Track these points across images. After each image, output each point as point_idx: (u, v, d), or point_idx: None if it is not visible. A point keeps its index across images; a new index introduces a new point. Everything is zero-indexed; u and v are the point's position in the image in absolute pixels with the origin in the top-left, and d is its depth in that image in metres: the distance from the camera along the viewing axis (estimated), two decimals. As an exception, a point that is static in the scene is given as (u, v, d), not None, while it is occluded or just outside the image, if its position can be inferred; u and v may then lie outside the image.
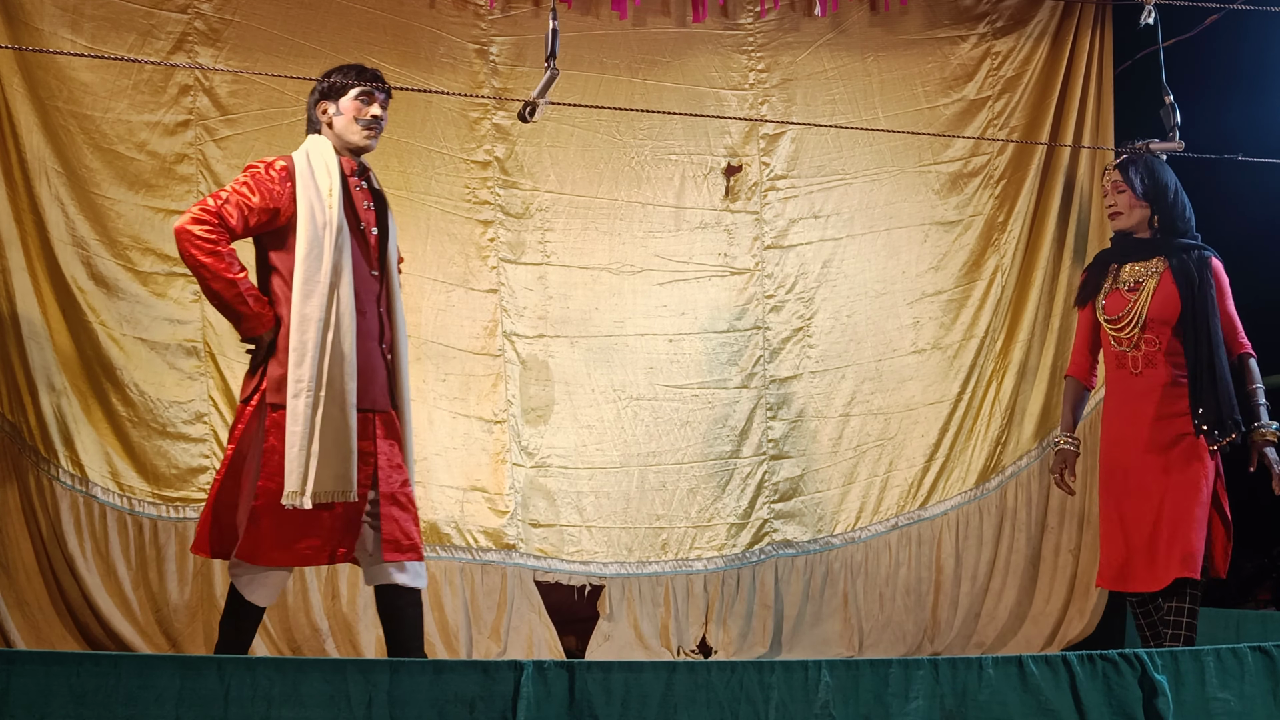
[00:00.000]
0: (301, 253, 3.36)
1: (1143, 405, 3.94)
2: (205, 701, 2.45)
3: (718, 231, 4.94)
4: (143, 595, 4.37)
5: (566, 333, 4.80)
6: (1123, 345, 4.01)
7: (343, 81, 3.54)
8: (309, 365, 3.31)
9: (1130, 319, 3.98)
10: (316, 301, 3.34)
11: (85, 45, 4.38)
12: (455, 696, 2.54)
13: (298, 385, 3.30)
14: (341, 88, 3.54)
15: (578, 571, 4.73)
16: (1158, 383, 3.91)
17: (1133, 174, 4.03)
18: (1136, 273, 4.03)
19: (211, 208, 3.31)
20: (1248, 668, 3.03)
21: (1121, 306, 4.01)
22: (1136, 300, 3.98)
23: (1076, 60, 5.03)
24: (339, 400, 3.33)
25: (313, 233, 3.36)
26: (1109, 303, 4.06)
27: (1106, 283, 4.10)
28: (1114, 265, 4.11)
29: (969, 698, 2.79)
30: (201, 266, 3.29)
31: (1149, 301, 3.96)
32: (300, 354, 3.31)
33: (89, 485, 4.34)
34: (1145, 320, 3.96)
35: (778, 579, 4.85)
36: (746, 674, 2.70)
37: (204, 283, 3.34)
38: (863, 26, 5.04)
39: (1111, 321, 4.03)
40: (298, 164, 3.47)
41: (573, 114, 4.78)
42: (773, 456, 4.90)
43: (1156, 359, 3.94)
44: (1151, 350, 3.95)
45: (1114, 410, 4.05)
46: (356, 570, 4.52)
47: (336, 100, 3.55)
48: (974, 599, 4.90)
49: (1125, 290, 4.03)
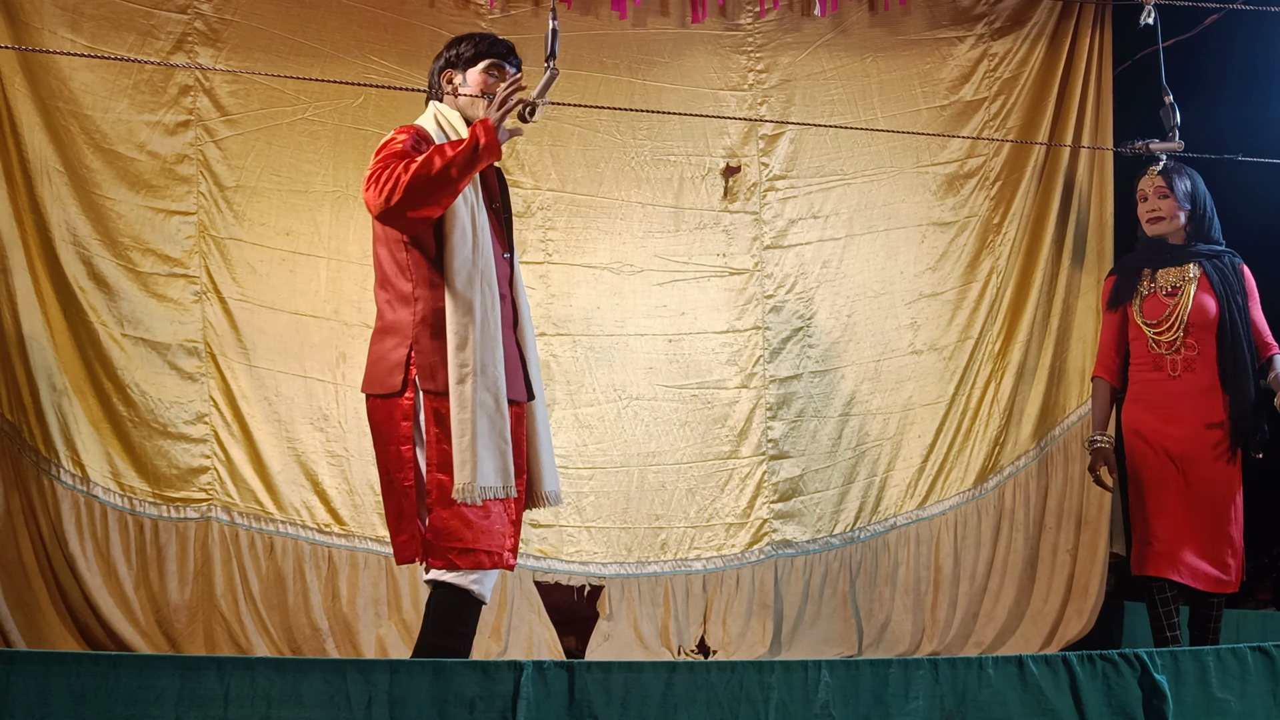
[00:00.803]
0: (455, 231, 3.16)
1: (1183, 408, 4.04)
2: (205, 701, 2.45)
3: (717, 232, 4.94)
4: (143, 595, 4.37)
5: (568, 332, 4.80)
6: (1162, 349, 4.10)
7: (473, 51, 3.36)
8: (472, 350, 3.12)
9: (1172, 323, 4.07)
10: (470, 282, 3.15)
11: (85, 45, 4.38)
12: (455, 696, 2.55)
13: (462, 370, 3.10)
14: (471, 58, 3.35)
15: (577, 572, 4.73)
16: (1198, 387, 4.02)
17: (1176, 180, 4.11)
18: (1172, 278, 4.12)
19: (373, 171, 3.09)
20: (1248, 668, 3.03)
21: (1161, 311, 4.10)
22: (1177, 304, 4.07)
23: (1076, 60, 5.03)
24: (493, 390, 3.15)
25: (462, 208, 3.18)
26: (1147, 307, 4.14)
27: (1141, 286, 4.18)
28: (1146, 270, 4.19)
29: (969, 698, 2.80)
30: (410, 184, 3.03)
31: (1190, 307, 4.05)
32: (462, 337, 3.11)
33: (90, 485, 4.35)
34: (1187, 324, 4.05)
35: (777, 579, 4.85)
36: (746, 674, 2.71)
37: (427, 186, 3.05)
38: (863, 27, 5.04)
39: (1152, 325, 4.11)
40: (433, 134, 3.26)
41: (573, 113, 4.78)
42: (772, 456, 4.90)
43: (1195, 363, 4.05)
44: (1191, 355, 4.05)
45: (1149, 410, 4.11)
46: (356, 570, 4.52)
47: (464, 71, 3.36)
48: (972, 599, 4.91)
49: (1163, 295, 4.12)
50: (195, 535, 4.46)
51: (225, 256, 4.55)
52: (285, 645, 4.44)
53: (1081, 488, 4.91)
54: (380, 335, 3.26)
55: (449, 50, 3.40)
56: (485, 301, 3.18)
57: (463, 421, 3.10)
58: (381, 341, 3.25)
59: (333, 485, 4.57)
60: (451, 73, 3.38)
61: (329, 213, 4.65)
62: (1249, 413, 3.99)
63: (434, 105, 3.37)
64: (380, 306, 3.28)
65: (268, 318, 4.57)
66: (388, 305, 3.25)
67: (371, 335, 3.32)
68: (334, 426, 4.59)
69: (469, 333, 3.12)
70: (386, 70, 4.68)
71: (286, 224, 4.62)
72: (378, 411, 3.23)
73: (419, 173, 3.05)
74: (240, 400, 4.51)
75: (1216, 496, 3.99)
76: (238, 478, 4.51)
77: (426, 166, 3.06)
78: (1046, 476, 4.97)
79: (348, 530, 4.56)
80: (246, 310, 4.56)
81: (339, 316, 4.63)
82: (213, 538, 4.46)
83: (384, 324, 3.26)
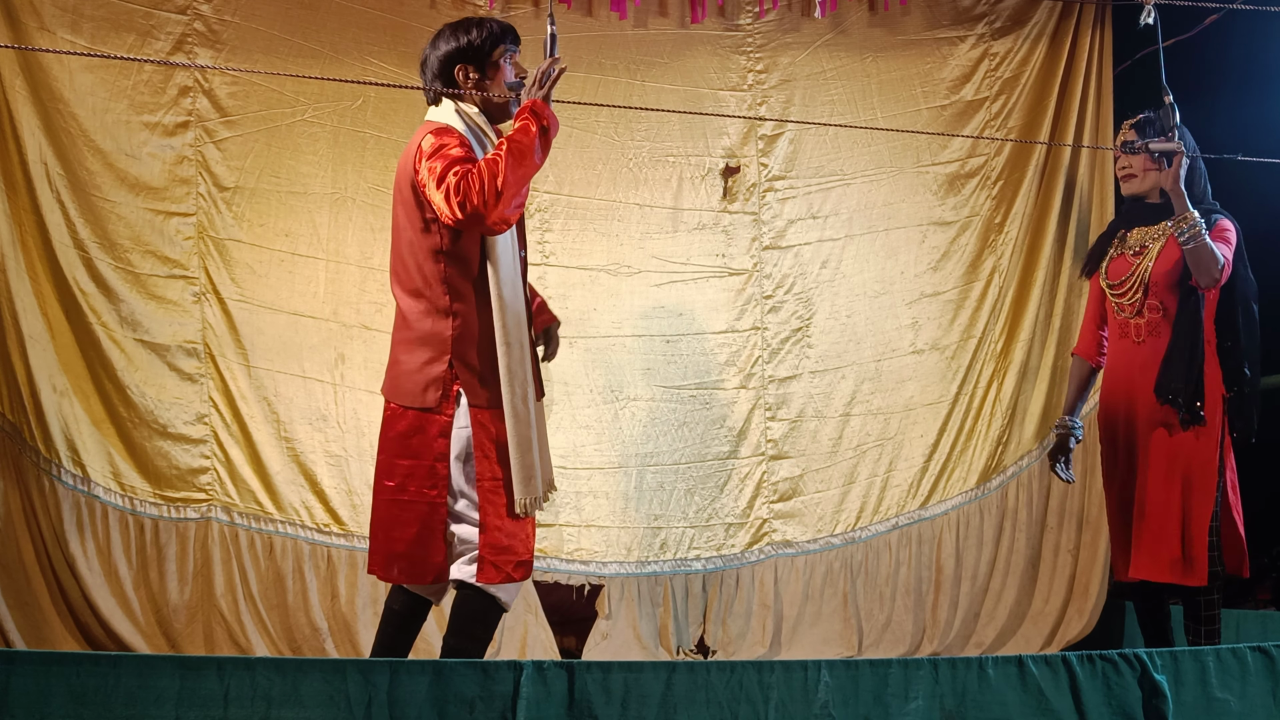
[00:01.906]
0: (499, 240, 3.11)
1: (1145, 377, 3.80)
2: (205, 702, 2.45)
3: (716, 232, 4.94)
4: (143, 595, 4.38)
5: (565, 333, 4.78)
6: (1125, 312, 3.87)
7: (483, 41, 3.22)
8: (519, 363, 3.09)
9: (1132, 283, 3.84)
10: (515, 293, 3.13)
11: (85, 46, 4.39)
12: (455, 696, 2.55)
13: (514, 385, 3.08)
14: (485, 49, 3.22)
15: (576, 571, 4.73)
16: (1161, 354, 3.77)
17: (1149, 135, 3.92)
18: (1142, 237, 3.90)
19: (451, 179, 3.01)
20: (1248, 668, 3.02)
21: (1124, 271, 3.88)
22: (1139, 264, 3.84)
23: (1076, 60, 5.03)
24: (531, 400, 3.15)
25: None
26: (1112, 268, 3.94)
27: (1112, 249, 3.98)
28: (1122, 231, 4.00)
29: (969, 698, 2.80)
30: (507, 184, 2.97)
31: (1152, 264, 3.81)
32: (508, 346, 3.09)
33: (91, 485, 4.35)
34: (1148, 284, 3.80)
35: (777, 579, 4.85)
36: (746, 674, 2.71)
37: (520, 183, 3.01)
38: (862, 27, 5.04)
39: (1114, 286, 3.90)
40: (464, 133, 3.17)
41: (571, 114, 4.78)
42: (772, 457, 4.90)
43: (1160, 327, 3.79)
44: (1155, 318, 3.80)
45: (1113, 381, 3.91)
46: (356, 570, 4.53)
47: (480, 64, 3.24)
48: (974, 599, 4.90)
49: (1130, 255, 3.89)
50: (195, 535, 4.46)
51: (224, 257, 4.55)
52: (285, 645, 4.44)
53: (1083, 488, 4.91)
54: (411, 345, 3.18)
55: (453, 41, 3.25)
56: (522, 311, 3.18)
57: (523, 437, 3.10)
58: (413, 352, 3.17)
59: (331, 485, 4.57)
60: (466, 67, 3.25)
61: (328, 214, 4.65)
62: (1180, 367, 3.66)
63: (454, 107, 3.24)
64: (409, 315, 3.19)
65: (267, 318, 4.58)
66: (421, 316, 3.16)
67: (396, 341, 3.23)
68: (333, 427, 4.59)
69: (517, 346, 3.10)
70: (385, 72, 4.69)
71: (285, 225, 4.62)
72: (405, 423, 3.16)
73: (511, 172, 2.98)
74: (239, 401, 4.52)
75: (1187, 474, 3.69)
76: (237, 478, 4.51)
77: (516, 163, 2.99)
78: (1049, 476, 4.95)
79: (347, 530, 4.56)
80: (245, 311, 4.56)
81: (337, 317, 4.63)
82: (212, 538, 4.46)
83: (416, 334, 3.17)
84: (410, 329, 3.19)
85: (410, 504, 3.14)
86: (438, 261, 3.14)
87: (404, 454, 3.16)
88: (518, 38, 3.35)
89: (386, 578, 3.24)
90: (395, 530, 3.16)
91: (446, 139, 3.12)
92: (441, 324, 3.14)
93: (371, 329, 4.61)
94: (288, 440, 4.56)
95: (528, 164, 3.04)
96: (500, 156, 3.02)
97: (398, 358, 3.22)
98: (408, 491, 3.14)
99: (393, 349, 3.25)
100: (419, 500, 3.13)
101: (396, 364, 3.22)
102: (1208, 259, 3.68)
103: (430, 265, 3.15)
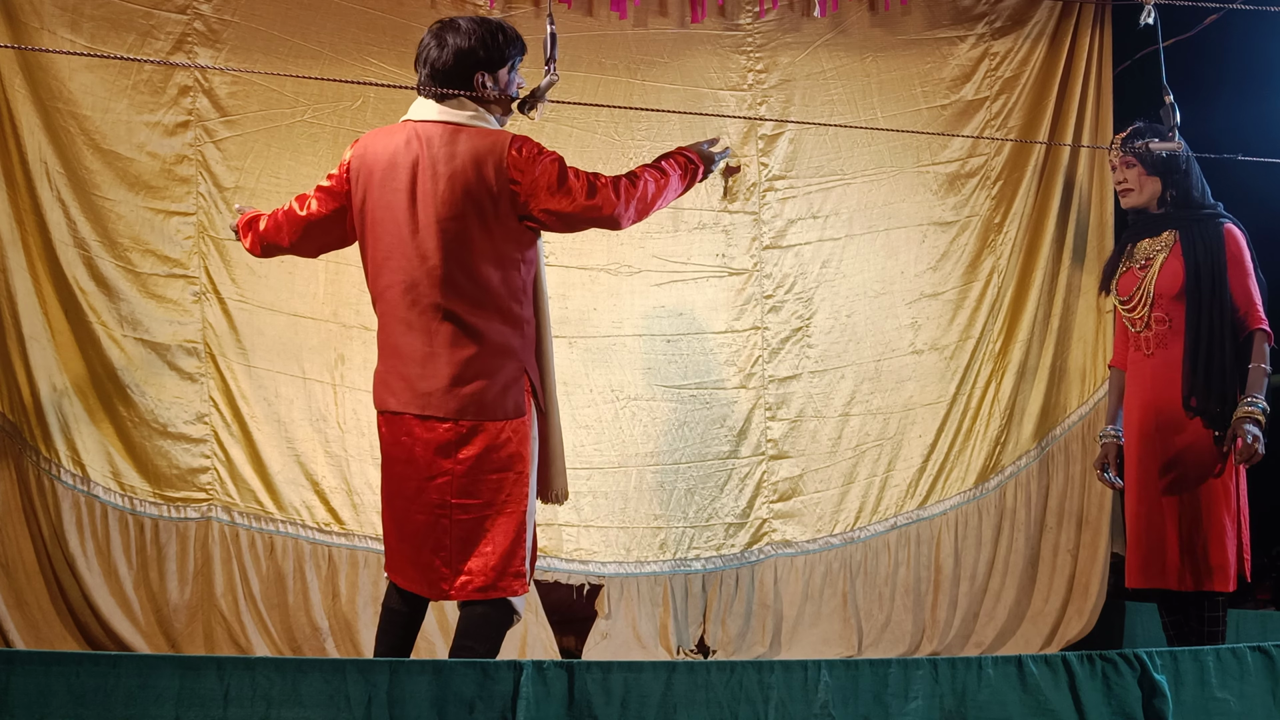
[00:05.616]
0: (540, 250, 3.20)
1: (1155, 390, 3.78)
2: (205, 701, 2.45)
3: (716, 232, 4.94)
4: (143, 595, 4.38)
5: (565, 333, 4.80)
6: (1135, 326, 3.86)
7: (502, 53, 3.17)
8: (552, 362, 3.20)
9: (1139, 298, 3.83)
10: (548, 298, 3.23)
11: (85, 45, 4.39)
12: (455, 696, 2.54)
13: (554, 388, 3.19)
14: (501, 59, 3.17)
15: (576, 571, 4.74)
16: (1170, 364, 3.75)
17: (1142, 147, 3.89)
18: (1147, 249, 3.89)
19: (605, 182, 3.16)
20: (1248, 668, 3.02)
21: (1132, 285, 3.88)
22: (1145, 277, 3.82)
23: (1076, 60, 5.03)
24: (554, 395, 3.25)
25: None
26: (1121, 283, 3.94)
27: (1122, 264, 3.97)
28: (1129, 246, 3.99)
29: (968, 698, 2.79)
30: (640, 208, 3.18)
31: (1156, 277, 3.80)
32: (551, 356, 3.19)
33: (90, 485, 4.35)
34: (1154, 298, 3.78)
35: (777, 579, 4.85)
36: (746, 674, 2.70)
37: (653, 200, 3.21)
38: (863, 27, 5.04)
39: (1124, 302, 3.89)
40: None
41: (571, 114, 4.78)
42: (771, 457, 4.90)
43: (1168, 339, 3.77)
44: (1163, 330, 3.78)
45: (1130, 396, 3.91)
46: (356, 569, 4.53)
47: (495, 72, 3.18)
48: (973, 599, 4.91)
49: (1137, 269, 3.88)
50: (195, 535, 4.46)
51: (224, 257, 4.55)
52: (285, 645, 4.45)
53: (1083, 487, 4.91)
54: (487, 357, 3.06)
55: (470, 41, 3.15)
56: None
57: (561, 439, 3.23)
58: (490, 360, 3.06)
59: (332, 485, 4.57)
60: (485, 75, 3.17)
61: (328, 214, 4.65)
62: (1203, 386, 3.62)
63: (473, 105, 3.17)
64: (479, 328, 3.06)
65: (266, 319, 4.58)
66: (496, 328, 3.08)
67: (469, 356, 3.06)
68: (333, 427, 4.60)
69: (551, 350, 3.19)
70: (385, 72, 4.69)
71: (285, 225, 4.62)
72: (492, 435, 3.07)
73: (657, 195, 3.20)
74: (240, 400, 4.52)
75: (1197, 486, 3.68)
76: (238, 477, 4.51)
77: (661, 189, 3.20)
78: (1048, 476, 4.97)
79: (347, 530, 4.56)
80: (245, 311, 4.56)
81: (337, 318, 4.64)
82: (213, 537, 4.46)
83: (492, 346, 3.06)
84: (485, 342, 3.07)
85: (507, 516, 3.08)
86: (516, 272, 3.12)
87: (490, 469, 3.07)
88: (525, 47, 3.34)
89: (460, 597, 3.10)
90: (486, 546, 3.07)
91: (538, 146, 3.15)
92: (514, 335, 3.10)
93: (371, 330, 4.57)
94: (288, 440, 4.56)
95: (665, 199, 3.26)
96: (648, 178, 3.20)
97: (476, 373, 3.07)
98: (496, 504, 3.08)
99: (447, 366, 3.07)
100: (515, 511, 3.08)
101: (477, 381, 3.07)
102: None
103: (512, 277, 3.11)
